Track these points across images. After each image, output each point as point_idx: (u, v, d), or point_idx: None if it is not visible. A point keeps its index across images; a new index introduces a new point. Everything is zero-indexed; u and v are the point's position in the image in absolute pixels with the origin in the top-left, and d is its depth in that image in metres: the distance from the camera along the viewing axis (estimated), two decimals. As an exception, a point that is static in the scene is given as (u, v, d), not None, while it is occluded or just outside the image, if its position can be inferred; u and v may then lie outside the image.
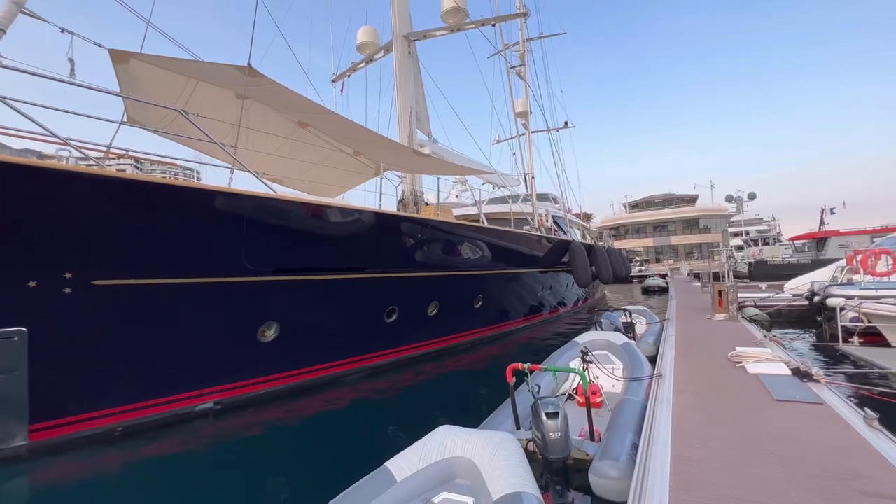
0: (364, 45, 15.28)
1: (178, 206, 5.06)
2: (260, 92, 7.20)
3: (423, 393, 7.33)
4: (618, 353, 6.10)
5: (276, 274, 6.07)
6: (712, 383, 4.80)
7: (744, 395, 4.31)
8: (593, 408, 5.12)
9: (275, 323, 6.33)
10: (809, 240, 26.65)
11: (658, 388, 4.77)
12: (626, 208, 56.94)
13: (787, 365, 5.23)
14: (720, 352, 6.22)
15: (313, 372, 7.02)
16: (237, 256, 5.60)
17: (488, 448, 3.08)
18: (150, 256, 5.00)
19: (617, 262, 19.09)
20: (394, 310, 8.04)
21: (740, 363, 5.53)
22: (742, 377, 4.98)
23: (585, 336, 6.63)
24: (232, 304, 5.79)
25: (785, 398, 4.10)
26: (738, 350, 6.08)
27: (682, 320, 9.70)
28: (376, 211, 7.16)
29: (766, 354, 5.68)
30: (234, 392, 6.18)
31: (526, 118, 28.16)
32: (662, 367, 5.58)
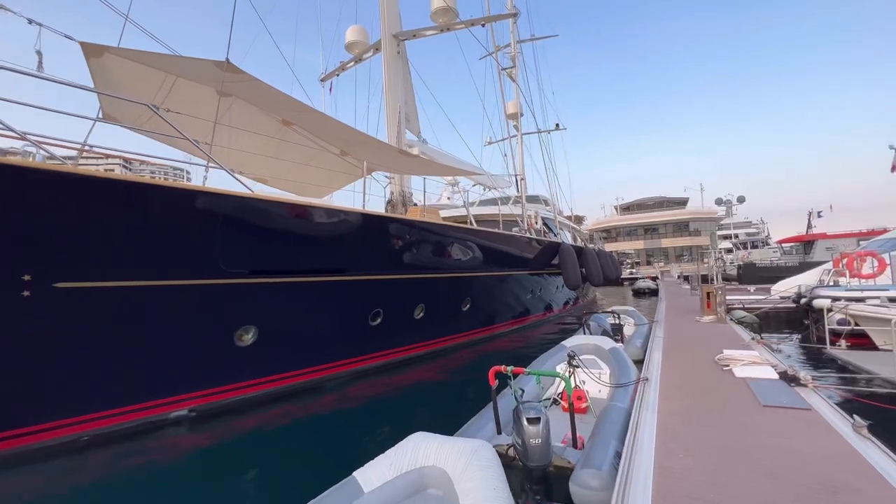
0: (353, 45, 15.11)
1: (147, 205, 4.84)
2: (240, 88, 7.01)
3: (407, 397, 7.16)
4: (605, 357, 5.99)
5: (253, 276, 5.87)
6: (699, 388, 4.69)
7: (730, 401, 4.20)
8: (579, 413, 5.00)
9: (252, 327, 6.12)
10: (797, 243, 26.93)
11: (644, 392, 4.65)
12: (617, 211, 57.25)
13: (775, 369, 5.14)
14: (707, 354, 6.13)
15: (294, 377, 6.82)
16: (211, 257, 5.39)
17: (462, 457, 2.93)
18: (116, 257, 4.78)
19: (607, 264, 19.09)
20: (378, 313, 7.86)
21: (727, 366, 5.43)
22: (729, 381, 4.88)
23: (573, 340, 6.51)
24: (206, 307, 5.57)
25: (772, 403, 3.99)
26: (725, 353, 5.99)
27: (670, 322, 9.64)
28: (357, 211, 6.99)
29: (753, 357, 5.60)
30: (209, 398, 5.96)
31: (517, 120, 28.14)
32: (649, 371, 5.47)
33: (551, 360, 5.88)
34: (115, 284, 4.78)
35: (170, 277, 5.10)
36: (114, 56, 6.30)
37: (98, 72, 6.54)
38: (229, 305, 5.76)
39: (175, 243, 5.09)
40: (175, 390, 5.62)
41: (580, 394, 5.06)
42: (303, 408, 6.53)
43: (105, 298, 4.79)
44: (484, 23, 13.27)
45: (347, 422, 6.06)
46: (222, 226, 5.34)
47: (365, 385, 7.52)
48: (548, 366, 5.77)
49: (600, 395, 5.46)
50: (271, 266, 6.05)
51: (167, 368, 5.49)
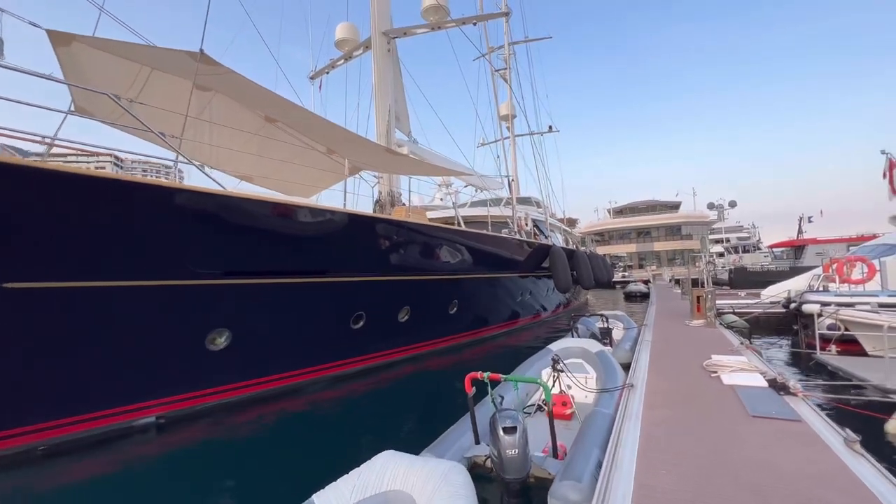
0: (343, 42, 14.89)
1: (106, 201, 4.58)
2: (218, 82, 6.77)
3: (389, 401, 6.94)
4: (592, 361, 5.80)
5: (226, 277, 5.62)
6: (685, 395, 4.52)
7: (717, 410, 4.03)
8: (564, 420, 4.80)
9: (226, 330, 5.87)
10: (788, 247, 27.00)
11: (628, 400, 4.47)
12: (610, 214, 57.34)
13: (764, 376, 4.99)
14: (696, 360, 5.98)
15: (270, 382, 6.57)
16: (180, 257, 5.13)
17: (431, 481, 2.71)
18: (74, 256, 4.51)
19: (599, 267, 18.97)
20: (360, 315, 7.63)
21: (715, 373, 5.28)
22: (716, 388, 4.72)
23: (559, 343, 6.32)
24: (173, 310, 5.31)
25: (760, 414, 3.83)
26: (713, 358, 5.84)
27: (659, 326, 9.51)
28: (339, 210, 6.76)
29: (741, 364, 5.45)
30: (179, 405, 5.70)
31: (510, 121, 28.06)
32: (635, 376, 5.30)
33: (536, 365, 5.69)
34: (73, 285, 4.52)
35: (132, 278, 4.84)
36: (83, 45, 6.04)
37: (67, 62, 6.27)
38: (199, 308, 5.50)
39: (137, 243, 4.83)
40: (141, 396, 5.36)
41: (565, 399, 4.87)
42: (278, 413, 6.28)
43: (60, 299, 4.52)
44: (475, 21, 13.11)
45: (323, 429, 5.82)
46: (190, 225, 5.09)
47: (345, 389, 7.28)
48: (533, 370, 5.58)
49: (586, 401, 5.28)
50: (245, 267, 5.81)
51: (132, 373, 5.22)
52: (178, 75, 6.45)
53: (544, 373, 5.42)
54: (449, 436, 3.92)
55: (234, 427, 5.78)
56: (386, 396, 7.09)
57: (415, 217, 8.77)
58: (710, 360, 5.65)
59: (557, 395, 4.87)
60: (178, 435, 5.51)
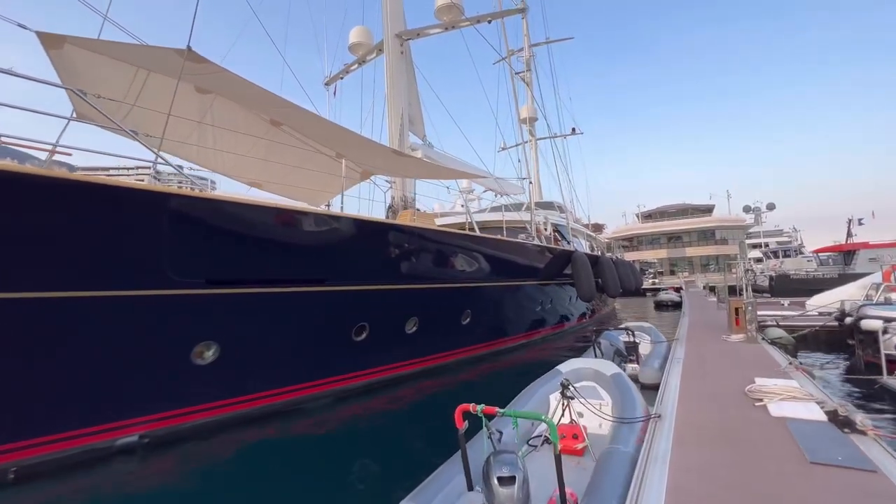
0: (357, 46, 14.69)
1: (76, 205, 4.28)
2: (213, 82, 6.51)
3: (396, 419, 6.43)
4: (606, 385, 5.10)
5: (211, 286, 5.26)
6: (724, 430, 3.79)
7: (766, 452, 3.31)
8: (575, 455, 4.15)
9: (213, 343, 5.50)
10: (836, 252, 24.99)
11: (654, 435, 3.79)
12: (638, 219, 55.37)
13: (822, 406, 4.18)
14: (736, 383, 5.19)
15: (264, 398, 6.16)
16: (157, 266, 4.80)
17: None
18: (41, 265, 4.23)
19: (625, 273, 17.96)
20: (363, 327, 7.16)
21: (761, 401, 4.49)
22: (763, 422, 3.96)
23: (569, 364, 5.63)
24: (154, 321, 4.98)
25: (822, 460, 3.08)
26: (757, 382, 5.05)
27: (693, 341, 8.62)
28: (334, 214, 6.34)
29: (792, 390, 4.64)
30: (164, 423, 5.35)
31: (531, 124, 27.35)
32: (663, 404, 4.58)
33: (544, 388, 5.03)
34: (38, 296, 4.23)
35: (103, 288, 4.52)
36: (75, 48, 5.88)
37: (62, 66, 6.13)
38: (181, 319, 5.16)
39: (109, 250, 4.51)
40: (121, 414, 5.03)
41: (576, 431, 4.22)
42: (277, 432, 5.87)
43: (28, 311, 4.23)
44: (490, 19, 12.62)
45: (323, 450, 5.38)
46: (169, 230, 4.76)
47: (351, 407, 6.82)
48: (539, 395, 4.92)
49: (601, 431, 4.60)
50: (232, 276, 5.44)
51: (110, 389, 4.90)
52: (167, 74, 6.21)
53: (552, 398, 4.77)
54: (435, 480, 3.33)
55: (228, 445, 5.42)
56: (390, 418, 6.57)
57: (421, 221, 8.28)
58: (753, 386, 4.86)
59: (568, 426, 4.23)
60: (166, 455, 5.18)
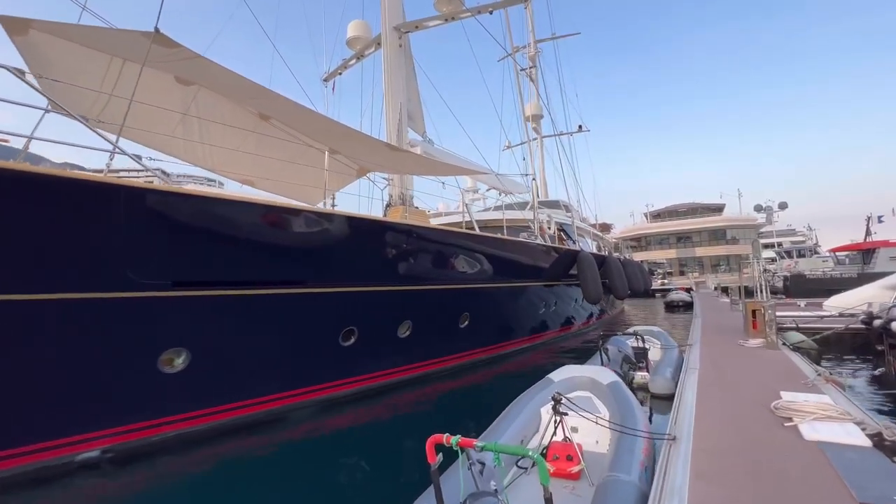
0: (355, 40, 14.26)
1: (24, 199, 3.86)
2: (187, 69, 6.10)
3: (387, 432, 5.97)
4: (605, 396, 4.56)
5: (179, 288, 4.82)
6: (752, 458, 3.26)
7: (803, 489, 2.77)
8: (570, 479, 3.65)
9: (183, 349, 5.07)
10: (854, 251, 24.05)
11: (669, 462, 3.26)
12: (647, 218, 54.38)
13: (862, 428, 3.63)
14: (760, 397, 4.64)
15: (242, 408, 5.73)
16: (117, 266, 4.37)
17: None
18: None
19: (634, 274, 17.35)
20: (351, 331, 6.70)
21: (790, 420, 3.95)
22: (796, 447, 3.42)
23: (563, 371, 5.08)
24: (115, 327, 4.55)
25: (875, 501, 2.55)
26: (784, 398, 4.49)
27: (707, 346, 8.04)
28: (315, 211, 5.88)
29: (826, 407, 4.08)
30: (131, 436, 4.94)
31: (537, 122, 26.77)
32: (679, 424, 4.04)
33: (533, 402, 4.50)
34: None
35: (57, 290, 4.10)
36: (43, 34, 5.48)
37: (29, 54, 5.74)
38: (146, 324, 4.73)
39: (60, 248, 4.09)
40: (80, 427, 4.62)
41: (570, 451, 3.70)
42: (257, 444, 5.44)
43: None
44: (492, 9, 12.12)
45: (305, 464, 4.94)
46: (130, 228, 4.33)
47: (337, 418, 6.38)
48: (530, 408, 4.39)
49: (598, 449, 4.10)
50: (203, 277, 5.00)
51: (66, 400, 4.48)
52: (139, 61, 5.79)
53: (544, 412, 4.26)
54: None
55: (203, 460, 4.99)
56: (379, 429, 6.10)
57: (414, 218, 7.79)
58: (780, 401, 4.31)
59: (561, 445, 3.72)
60: (133, 471, 4.76)
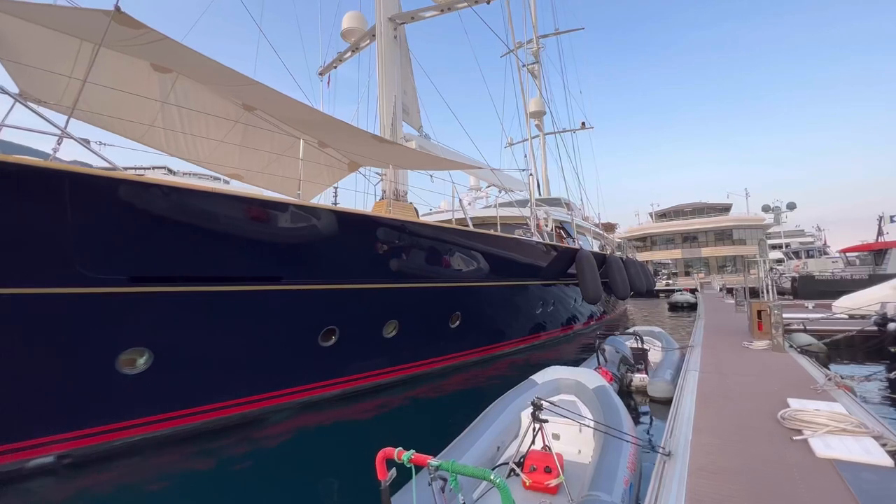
0: (349, 32, 13.89)
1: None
2: (156, 53, 5.77)
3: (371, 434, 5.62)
4: (590, 401, 4.18)
5: (137, 284, 4.50)
6: (756, 479, 2.88)
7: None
8: (548, 494, 3.28)
9: (144, 349, 4.75)
10: (865, 252, 23.40)
11: (662, 482, 2.89)
12: (652, 218, 53.74)
13: (882, 443, 3.24)
14: (765, 405, 4.26)
15: (212, 411, 5.41)
16: (64, 259, 4.05)
17: None
18: None
19: (636, 274, 16.90)
20: (332, 331, 6.36)
21: (800, 433, 3.56)
22: (807, 466, 3.04)
23: (547, 373, 4.70)
24: (67, 325, 4.24)
25: (902, 535, 2.17)
26: (793, 406, 4.10)
27: (710, 348, 7.64)
28: (289, 203, 5.53)
29: (839, 418, 3.69)
30: (89, 440, 4.62)
31: (539, 119, 26.32)
32: (674, 438, 3.67)
33: (513, 406, 4.12)
34: None
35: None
36: (3, 16, 5.18)
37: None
38: (102, 322, 4.41)
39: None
40: (31, 432, 4.31)
41: (549, 462, 3.32)
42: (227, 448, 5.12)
43: None
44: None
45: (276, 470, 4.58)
46: (76, 218, 4.00)
47: (316, 421, 6.04)
48: (510, 411, 4.02)
49: (580, 459, 3.73)
50: (166, 272, 4.68)
51: (14, 403, 4.17)
52: (91, 40, 5.45)
53: (524, 416, 3.89)
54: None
55: (150, 473, 4.64)
56: (358, 434, 5.75)
57: (400, 213, 7.43)
58: (788, 410, 3.92)
59: (539, 455, 3.35)
60: (90, 477, 4.44)
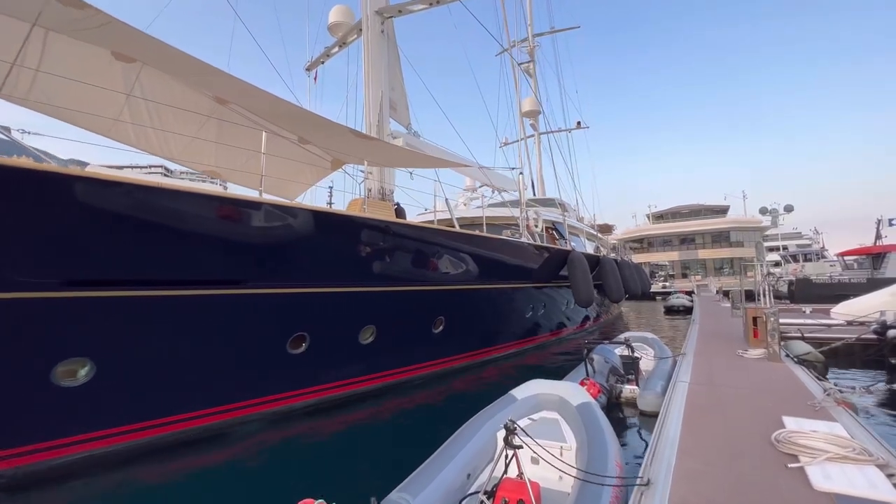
0: (336, 26, 13.54)
1: None
2: (115, 39, 5.39)
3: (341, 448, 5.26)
4: (574, 420, 3.81)
5: (73, 289, 4.12)
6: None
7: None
8: None
9: (86, 360, 4.37)
10: (863, 255, 23.14)
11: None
12: (649, 219, 53.46)
13: (888, 474, 2.88)
14: (758, 424, 3.90)
15: (168, 425, 5.02)
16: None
17: None
18: None
19: (631, 276, 16.58)
20: (302, 337, 5.99)
21: (796, 460, 3.20)
22: (802, 499, 2.68)
23: (528, 388, 4.32)
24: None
25: None
26: (788, 426, 3.75)
27: (703, 356, 7.28)
28: (250, 201, 5.15)
29: (840, 441, 3.33)
30: (22, 460, 4.24)
31: (534, 118, 25.97)
32: (656, 461, 3.30)
33: (489, 425, 3.75)
34: None
35: None
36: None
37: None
38: (33, 330, 4.02)
39: None
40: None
41: (523, 494, 2.95)
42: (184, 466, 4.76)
43: None
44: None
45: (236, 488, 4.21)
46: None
47: (285, 433, 5.66)
48: (483, 433, 3.66)
49: (560, 486, 3.37)
50: (107, 275, 4.29)
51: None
52: (49, 26, 5.08)
53: (500, 437, 3.53)
54: None
55: (96, 494, 4.26)
56: (327, 447, 5.38)
57: (377, 212, 7.04)
58: (783, 432, 3.56)
59: (513, 484, 2.98)
60: (32, 496, 4.08)
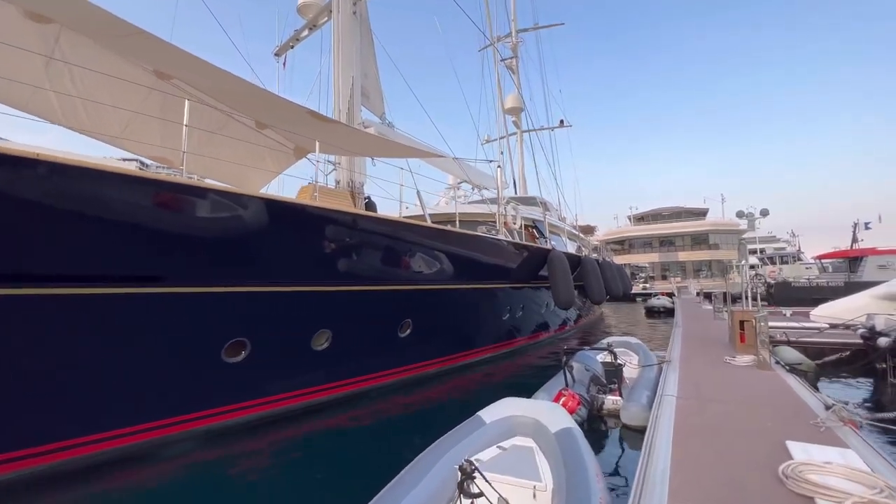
0: (306, 7, 12.66)
1: None
2: None
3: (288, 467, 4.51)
4: (551, 450, 3.16)
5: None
6: None
7: None
8: None
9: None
10: (840, 258, 23.35)
11: None
12: (631, 221, 53.78)
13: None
14: (758, 449, 3.32)
15: (75, 448, 4.19)
16: None
17: None
18: None
19: (612, 277, 16.14)
20: (241, 343, 5.20)
21: (811, 501, 2.61)
22: (831, 566, 2.07)
23: (499, 408, 3.64)
24: None
25: None
26: (795, 455, 3.16)
27: (689, 364, 6.76)
28: (173, 182, 4.34)
29: (862, 478, 2.75)
30: None
31: (517, 115, 25.46)
32: (646, 498, 2.67)
33: (447, 458, 3.05)
34: None
35: None
36: None
37: None
38: None
39: None
40: None
41: None
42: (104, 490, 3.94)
43: None
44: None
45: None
46: None
47: (221, 453, 4.88)
48: (439, 468, 2.93)
49: None
50: None
51: None
52: None
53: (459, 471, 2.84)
54: None
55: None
56: (272, 467, 4.62)
57: (331, 201, 6.23)
58: (792, 464, 2.95)
59: None
60: None
